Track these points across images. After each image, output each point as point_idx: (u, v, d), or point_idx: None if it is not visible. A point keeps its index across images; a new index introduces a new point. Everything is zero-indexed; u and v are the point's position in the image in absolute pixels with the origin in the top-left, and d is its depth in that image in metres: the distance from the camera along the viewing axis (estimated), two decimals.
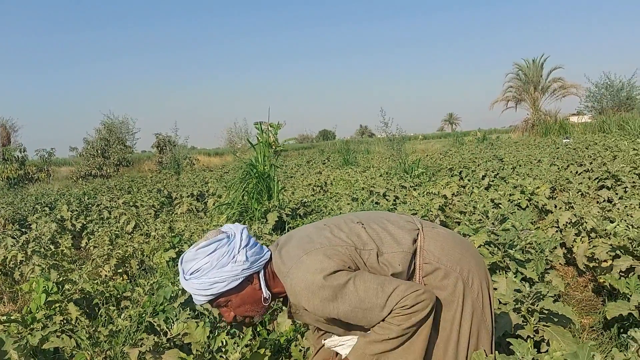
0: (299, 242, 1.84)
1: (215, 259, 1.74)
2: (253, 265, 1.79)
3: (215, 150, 42.40)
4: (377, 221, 1.95)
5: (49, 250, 5.48)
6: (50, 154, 24.55)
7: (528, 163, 11.18)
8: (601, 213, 4.48)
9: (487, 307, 1.96)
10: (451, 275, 1.88)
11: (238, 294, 1.80)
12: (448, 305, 1.88)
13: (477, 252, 2.08)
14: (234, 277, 1.76)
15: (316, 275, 1.70)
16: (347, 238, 1.82)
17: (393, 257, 1.83)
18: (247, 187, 7.48)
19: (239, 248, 1.78)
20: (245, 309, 1.85)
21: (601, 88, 31.98)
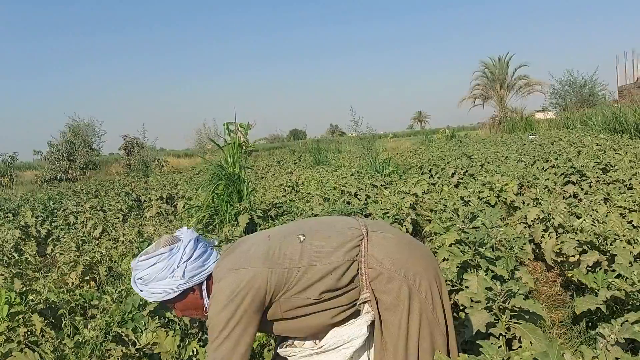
0: (236, 255, 1.92)
1: (155, 272, 1.85)
2: (192, 280, 1.88)
3: (184, 152, 41.86)
4: (319, 232, 1.97)
5: (12, 258, 5.30)
6: (13, 158, 23.88)
7: (496, 160, 11.36)
8: (568, 209, 4.56)
9: (439, 307, 1.96)
10: (395, 279, 1.89)
11: (180, 301, 1.92)
12: (393, 309, 1.90)
13: (426, 254, 2.08)
14: (171, 290, 1.86)
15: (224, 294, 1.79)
16: (279, 257, 1.87)
17: (324, 268, 1.87)
18: (217, 189, 7.39)
19: (179, 263, 1.86)
20: (190, 312, 1.98)
21: (565, 85, 32.76)
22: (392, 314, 1.90)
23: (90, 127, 28.12)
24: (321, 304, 1.91)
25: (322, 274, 1.86)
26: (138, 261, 1.89)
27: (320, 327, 1.98)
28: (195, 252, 1.91)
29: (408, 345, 1.89)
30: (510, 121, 29.84)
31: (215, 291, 1.83)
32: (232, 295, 1.78)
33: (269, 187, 11.38)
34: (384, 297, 1.90)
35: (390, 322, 1.90)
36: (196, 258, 1.89)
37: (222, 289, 1.80)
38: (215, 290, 1.83)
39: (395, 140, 37.43)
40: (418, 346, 1.90)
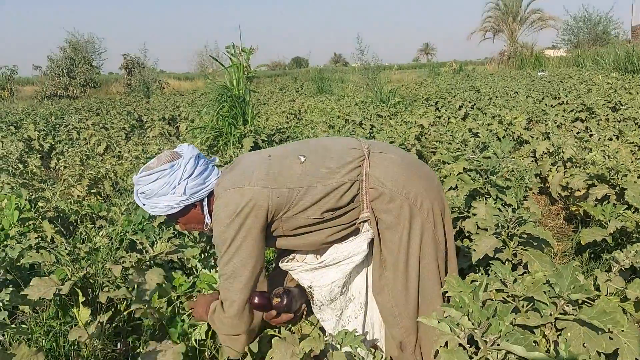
0: (237, 173, 1.91)
1: (156, 188, 1.86)
2: (193, 196, 1.89)
3: (185, 75, 41.17)
4: (320, 153, 1.96)
5: (18, 169, 5.30)
6: (13, 71, 23.50)
7: (504, 94, 11.19)
8: (578, 143, 4.52)
9: (440, 227, 1.97)
10: (396, 198, 1.90)
11: (182, 216, 1.96)
12: (394, 228, 1.91)
13: (429, 174, 2.07)
14: (172, 206, 1.88)
15: (226, 212, 1.81)
16: (280, 177, 1.87)
17: (325, 189, 1.87)
18: (222, 111, 7.30)
19: (180, 180, 1.86)
20: (192, 226, 2.02)
21: (579, 21, 31.85)
22: (392, 232, 1.91)
23: (90, 44, 27.50)
24: (322, 223, 1.94)
25: (323, 195, 1.87)
26: (139, 176, 1.89)
27: (321, 244, 2.01)
28: (196, 169, 1.91)
29: (408, 262, 1.92)
30: (519, 57, 29.18)
31: (217, 209, 1.85)
32: (234, 214, 1.80)
33: (271, 113, 11.27)
34: (384, 216, 1.92)
35: (390, 240, 1.92)
36: (197, 175, 1.90)
37: (224, 207, 1.82)
38: (217, 208, 1.85)
39: (401, 72, 36.70)
40: (419, 263, 1.93)
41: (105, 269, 2.14)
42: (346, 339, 1.78)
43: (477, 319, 1.41)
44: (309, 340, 1.80)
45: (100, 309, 2.19)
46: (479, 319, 1.41)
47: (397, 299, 1.93)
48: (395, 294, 1.93)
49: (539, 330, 1.76)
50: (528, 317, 1.73)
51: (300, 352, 1.76)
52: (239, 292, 1.84)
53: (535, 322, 1.71)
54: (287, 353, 1.78)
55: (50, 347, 2.13)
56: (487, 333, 1.39)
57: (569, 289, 1.66)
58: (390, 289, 1.94)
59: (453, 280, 1.94)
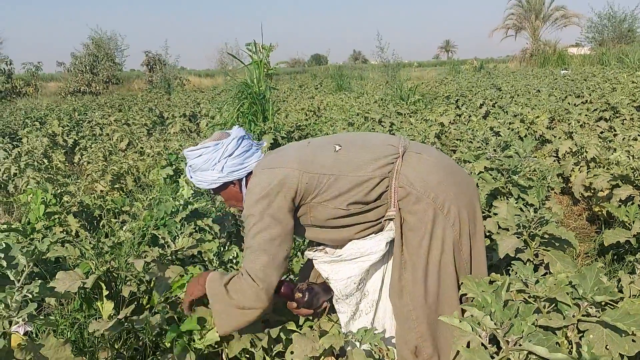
0: (274, 155, 2.04)
1: (200, 162, 2.00)
2: (231, 174, 2.00)
3: (205, 72, 41.39)
4: (357, 145, 2.00)
5: (43, 164, 5.41)
6: (38, 68, 23.90)
7: (526, 93, 11.05)
8: (602, 143, 4.46)
9: (466, 236, 1.93)
10: (422, 200, 1.88)
11: (223, 191, 2.08)
12: (416, 231, 1.90)
13: (465, 180, 2.03)
14: (212, 181, 2.01)
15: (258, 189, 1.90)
16: (312, 162, 1.93)
17: (354, 180, 1.90)
18: (242, 108, 7.35)
19: (220, 158, 1.98)
20: (231, 203, 2.13)
21: (603, 19, 31.24)
22: (414, 234, 1.90)
23: (113, 41, 27.80)
24: (348, 218, 1.95)
25: (351, 186, 1.89)
26: (187, 151, 2.06)
27: (346, 240, 2.02)
28: (237, 150, 2.00)
29: (428, 267, 1.89)
30: (542, 54, 28.77)
31: (250, 185, 1.96)
32: (265, 191, 1.87)
33: (290, 110, 11.29)
34: (409, 217, 1.91)
35: (412, 243, 1.91)
36: (237, 155, 2.00)
37: (256, 185, 1.92)
38: (250, 185, 1.96)
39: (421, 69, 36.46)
40: (439, 270, 1.90)
41: (128, 263, 2.17)
42: (366, 337, 1.79)
43: (500, 318, 1.41)
44: (329, 337, 1.81)
45: (122, 303, 2.23)
46: (501, 319, 1.40)
47: (415, 302, 1.90)
48: (414, 297, 1.91)
49: (561, 332, 1.75)
50: (550, 318, 1.72)
51: (320, 347, 1.77)
52: (265, 267, 1.85)
53: (557, 324, 1.70)
54: (307, 348, 1.79)
55: (75, 338, 2.18)
56: (509, 333, 1.39)
57: (593, 291, 1.65)
58: (409, 292, 1.91)
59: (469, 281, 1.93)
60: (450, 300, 1.93)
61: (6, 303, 1.47)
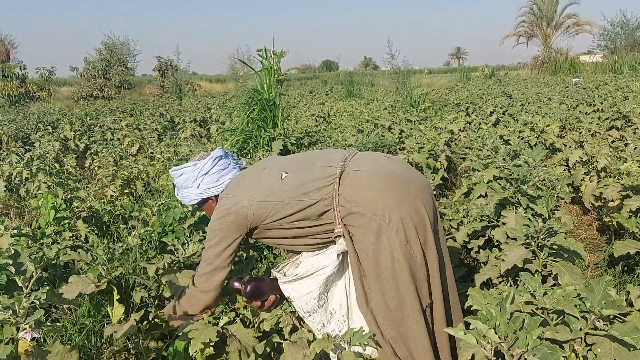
0: (235, 182, 2.22)
1: (182, 181, 2.26)
2: (207, 191, 2.24)
3: (217, 77, 41.63)
4: (303, 170, 2.15)
5: (54, 168, 5.46)
6: (51, 72, 24.16)
7: (537, 101, 11.00)
8: (613, 153, 4.42)
9: (414, 241, 1.99)
10: (364, 215, 1.98)
11: (204, 206, 2.32)
12: (363, 243, 2.00)
13: (407, 187, 2.07)
14: (191, 197, 2.26)
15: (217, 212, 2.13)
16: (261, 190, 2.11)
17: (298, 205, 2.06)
18: (252, 114, 7.38)
19: (197, 176, 2.23)
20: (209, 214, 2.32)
21: (616, 26, 31.03)
22: (363, 246, 2.01)
23: (125, 46, 28.03)
24: (299, 236, 2.14)
25: (296, 210, 2.05)
26: (171, 170, 2.32)
27: (303, 250, 2.22)
28: (213, 168, 2.24)
29: (381, 274, 1.98)
30: (553, 62, 28.63)
31: (217, 205, 2.19)
32: (221, 215, 2.10)
33: (300, 116, 11.31)
34: (355, 231, 2.02)
35: (364, 253, 2.01)
36: (213, 173, 2.24)
37: (218, 207, 2.16)
38: (217, 204, 2.19)
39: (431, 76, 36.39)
40: (394, 275, 1.97)
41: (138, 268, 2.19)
42: (355, 338, 1.82)
43: (504, 332, 1.40)
44: (318, 341, 1.85)
45: (132, 308, 2.24)
46: (505, 332, 1.39)
47: (378, 309, 2.01)
48: (376, 304, 2.01)
49: (568, 345, 1.73)
50: (557, 331, 1.71)
51: (310, 353, 1.80)
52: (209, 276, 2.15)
53: (564, 337, 1.69)
54: (298, 356, 1.81)
55: (83, 344, 2.19)
56: (513, 347, 1.38)
57: (600, 304, 1.63)
58: (374, 297, 2.02)
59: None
60: (412, 303, 1.98)
61: (14, 309, 1.48)
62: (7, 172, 5.43)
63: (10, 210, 4.84)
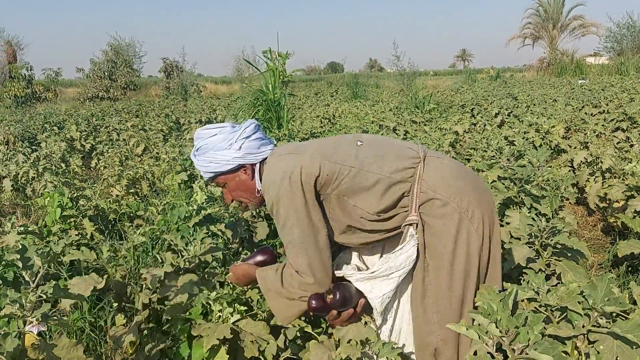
0: (293, 144, 2.03)
1: (214, 142, 1.95)
2: (246, 157, 1.96)
3: (222, 79, 41.76)
4: (378, 145, 1.97)
5: (60, 168, 5.50)
6: (57, 73, 24.30)
7: (542, 102, 10.98)
8: (618, 154, 4.42)
9: (487, 239, 1.89)
10: (448, 205, 1.84)
11: (234, 178, 2.01)
12: (439, 235, 1.85)
13: (483, 186, 2.00)
14: (226, 161, 1.95)
15: (278, 175, 1.84)
16: (333, 152, 1.90)
17: (374, 177, 1.85)
18: (257, 115, 7.41)
19: (237, 138, 1.95)
20: (239, 194, 2.05)
21: (622, 28, 30.94)
22: (438, 239, 1.85)
23: (131, 47, 28.16)
24: (370, 222, 1.90)
25: (371, 183, 1.85)
26: (201, 129, 2.01)
27: (366, 244, 2.01)
28: (255, 135, 1.99)
29: (454, 271, 1.84)
30: (559, 64, 28.58)
31: (269, 172, 1.90)
32: (287, 177, 1.81)
33: (305, 117, 11.34)
34: (432, 221, 1.86)
35: (435, 248, 1.86)
36: (254, 139, 1.98)
37: (276, 171, 1.86)
38: (269, 171, 1.90)
39: (436, 78, 36.37)
40: (464, 274, 1.85)
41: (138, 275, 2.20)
42: (383, 350, 1.77)
43: (505, 326, 1.40)
44: (346, 346, 1.79)
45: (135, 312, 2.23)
46: (506, 327, 1.40)
47: (439, 305, 1.86)
48: (438, 300, 1.87)
49: (571, 342, 1.73)
50: (560, 328, 1.71)
51: (336, 357, 1.75)
52: (310, 261, 1.84)
53: (567, 333, 1.69)
54: (323, 357, 1.78)
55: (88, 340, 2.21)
56: (515, 341, 1.39)
57: (603, 301, 1.64)
58: (433, 294, 1.87)
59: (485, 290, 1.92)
60: (470, 304, 1.89)
61: (21, 303, 1.50)
62: (13, 172, 5.47)
63: (17, 209, 4.88)
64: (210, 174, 2.00)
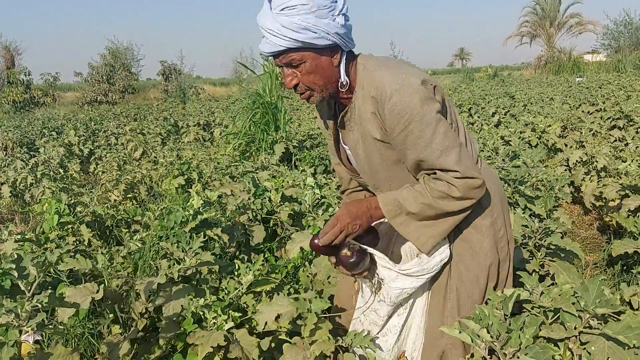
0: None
1: (315, 6, 1.54)
2: (344, 37, 1.61)
3: (220, 80, 41.84)
4: None
5: (59, 174, 5.52)
6: (56, 78, 24.36)
7: (540, 101, 11.01)
8: (613, 152, 4.44)
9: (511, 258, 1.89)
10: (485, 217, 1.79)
11: (317, 57, 1.61)
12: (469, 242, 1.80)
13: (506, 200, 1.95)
14: (326, 33, 1.56)
15: (417, 78, 1.56)
16: None
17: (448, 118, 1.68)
18: (254, 117, 7.42)
19: (339, 12, 1.59)
20: (314, 79, 1.64)
21: (619, 25, 31.01)
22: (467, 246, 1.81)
23: (129, 50, 28.23)
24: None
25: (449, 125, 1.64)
26: None
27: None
28: (348, 22, 1.65)
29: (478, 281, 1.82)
30: (557, 62, 28.63)
31: (394, 74, 1.59)
32: (426, 82, 1.58)
33: (303, 119, 11.36)
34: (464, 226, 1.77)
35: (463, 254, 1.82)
36: (348, 24, 1.64)
37: (406, 73, 1.58)
38: (393, 73, 1.59)
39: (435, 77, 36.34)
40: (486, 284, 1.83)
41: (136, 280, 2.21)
42: (355, 340, 1.80)
43: (496, 331, 1.42)
44: (319, 343, 1.80)
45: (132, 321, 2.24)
46: (498, 332, 1.42)
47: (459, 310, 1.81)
48: (459, 305, 1.82)
49: (563, 344, 1.75)
50: (552, 330, 1.73)
51: (311, 355, 1.78)
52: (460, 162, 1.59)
53: (559, 335, 1.71)
54: (298, 358, 1.79)
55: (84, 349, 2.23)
56: (506, 346, 1.40)
57: (595, 303, 1.65)
58: (453, 299, 1.82)
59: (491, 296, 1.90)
60: None
61: (16, 312, 1.52)
62: (12, 178, 5.49)
63: (16, 215, 4.89)
64: (290, 42, 1.56)
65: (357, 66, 1.70)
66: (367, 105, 1.65)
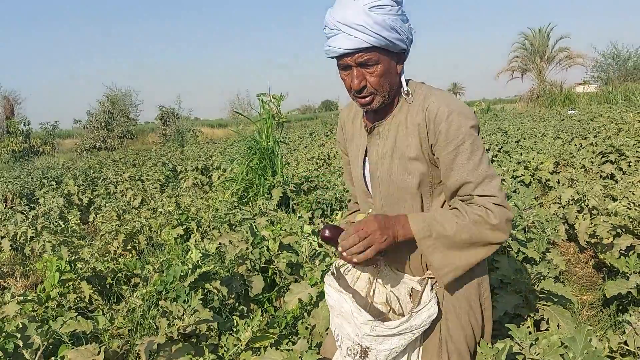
0: None
1: (401, 9, 1.59)
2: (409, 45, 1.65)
3: (218, 122, 42.32)
4: None
5: (59, 226, 5.57)
6: (55, 127, 24.64)
7: (532, 136, 11.17)
8: (603, 190, 4.51)
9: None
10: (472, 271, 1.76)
11: (390, 61, 1.61)
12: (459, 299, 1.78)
13: None
14: (406, 37, 1.59)
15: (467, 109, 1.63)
16: None
17: None
18: (251, 163, 7.53)
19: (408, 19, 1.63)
20: (383, 82, 1.62)
21: (608, 58, 31.63)
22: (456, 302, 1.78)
23: (128, 96, 28.69)
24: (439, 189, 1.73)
25: None
26: None
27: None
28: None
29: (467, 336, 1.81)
30: (549, 95, 29.07)
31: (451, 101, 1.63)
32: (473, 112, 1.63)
33: (301, 159, 11.48)
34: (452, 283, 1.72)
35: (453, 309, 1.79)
36: None
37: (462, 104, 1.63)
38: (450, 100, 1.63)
39: None
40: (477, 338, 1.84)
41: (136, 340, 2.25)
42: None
43: None
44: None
45: None
46: None
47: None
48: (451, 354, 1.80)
49: None
50: None
51: None
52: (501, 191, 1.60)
53: None
54: None
55: None
56: None
57: (582, 354, 1.70)
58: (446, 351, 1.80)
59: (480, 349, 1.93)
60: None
61: None
62: (12, 232, 5.54)
63: (16, 270, 4.92)
64: (378, 40, 1.53)
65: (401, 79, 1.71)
66: (415, 116, 1.65)
